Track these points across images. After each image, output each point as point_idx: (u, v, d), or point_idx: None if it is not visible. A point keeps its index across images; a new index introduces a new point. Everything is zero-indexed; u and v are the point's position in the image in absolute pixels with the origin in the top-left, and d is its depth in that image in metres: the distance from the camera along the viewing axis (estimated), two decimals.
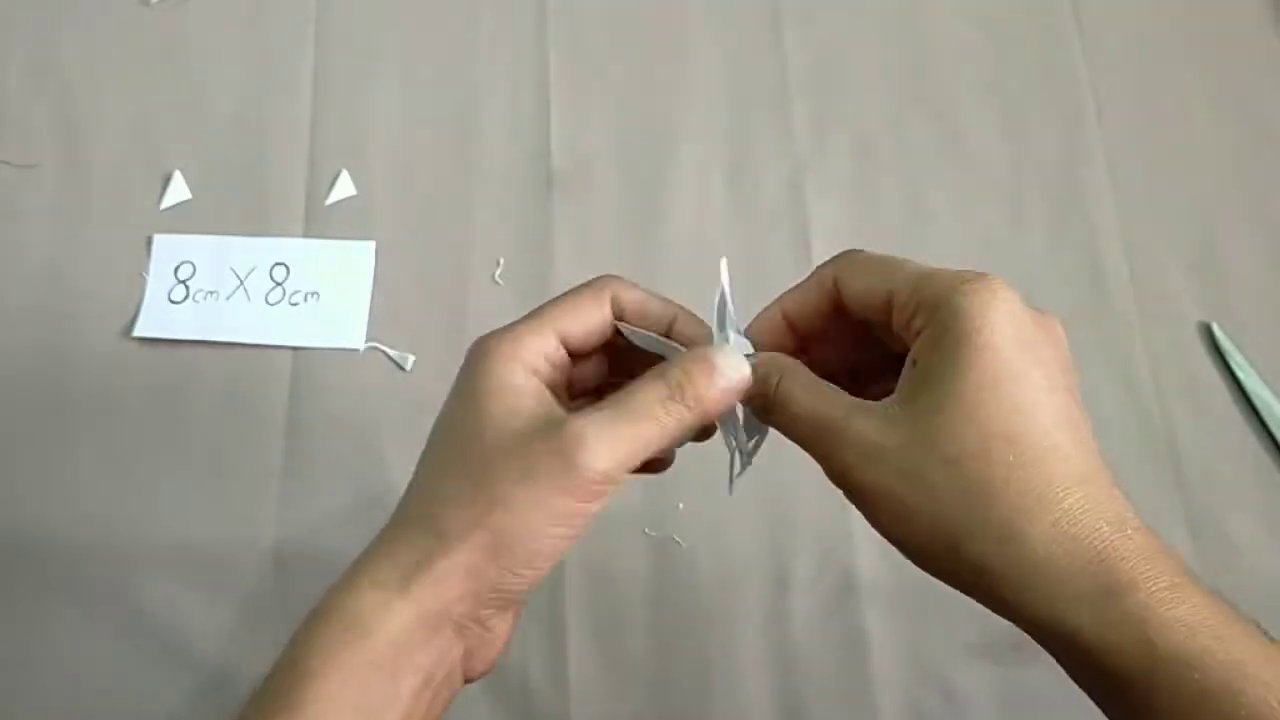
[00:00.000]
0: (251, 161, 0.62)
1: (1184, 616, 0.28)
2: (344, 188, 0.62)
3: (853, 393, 0.32)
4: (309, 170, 0.62)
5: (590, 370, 0.37)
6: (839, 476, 0.31)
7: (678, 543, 0.54)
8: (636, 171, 0.63)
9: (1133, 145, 0.63)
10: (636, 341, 0.35)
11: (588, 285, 0.35)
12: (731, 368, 0.33)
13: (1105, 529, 0.29)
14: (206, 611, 0.53)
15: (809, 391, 0.32)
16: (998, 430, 0.29)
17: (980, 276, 0.31)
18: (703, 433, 0.35)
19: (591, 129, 0.63)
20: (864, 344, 0.35)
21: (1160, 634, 0.27)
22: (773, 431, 0.36)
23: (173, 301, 0.59)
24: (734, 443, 0.36)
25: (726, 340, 0.35)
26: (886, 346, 0.34)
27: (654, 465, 0.35)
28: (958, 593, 0.53)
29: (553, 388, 0.34)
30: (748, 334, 0.36)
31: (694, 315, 0.36)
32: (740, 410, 0.35)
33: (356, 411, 0.57)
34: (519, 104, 0.64)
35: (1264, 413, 0.56)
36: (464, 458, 0.32)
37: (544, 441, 0.31)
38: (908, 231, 0.61)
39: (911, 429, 0.30)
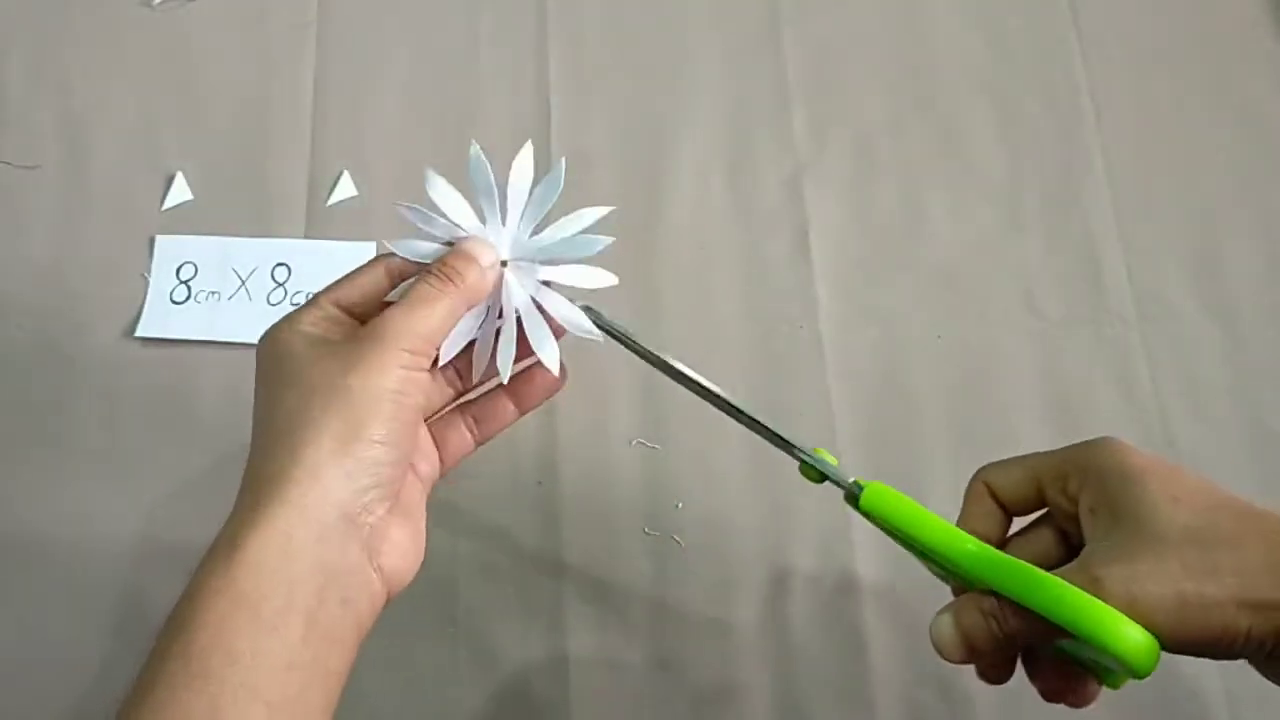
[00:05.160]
0: (253, 162, 0.62)
1: None
2: (345, 188, 0.62)
3: None
4: (310, 171, 0.62)
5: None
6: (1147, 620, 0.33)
7: (677, 543, 0.55)
8: (636, 171, 0.63)
9: (1131, 145, 0.63)
10: (407, 254, 0.40)
11: (364, 264, 0.41)
12: (483, 254, 0.39)
13: None
14: None
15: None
16: (1204, 504, 0.35)
17: (1102, 438, 0.38)
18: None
19: (591, 128, 0.64)
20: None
21: None
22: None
23: (175, 302, 0.59)
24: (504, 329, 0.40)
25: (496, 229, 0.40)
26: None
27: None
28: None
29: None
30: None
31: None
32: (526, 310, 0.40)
33: None
34: (519, 104, 0.64)
35: None
36: (293, 387, 0.36)
37: (353, 341, 0.37)
38: (907, 231, 0.61)
39: (1145, 546, 0.34)
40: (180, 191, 0.62)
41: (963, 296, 0.60)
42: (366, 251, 0.60)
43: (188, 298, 0.59)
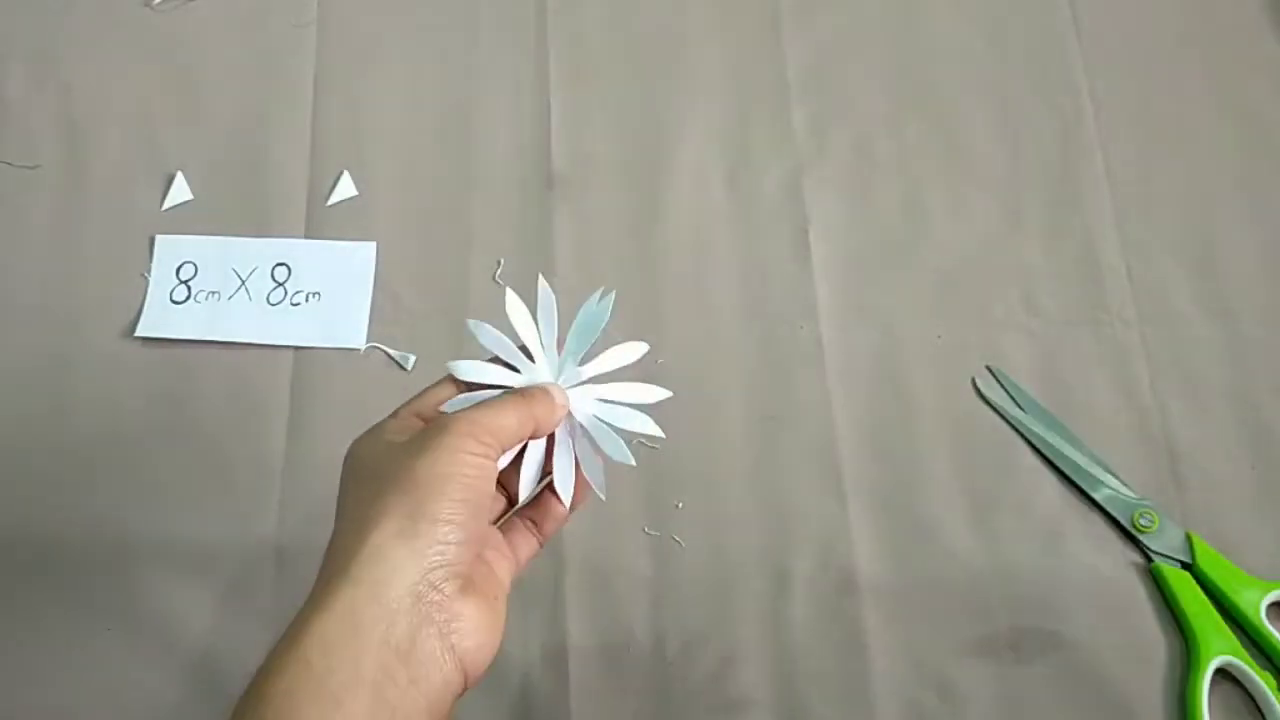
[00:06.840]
0: (253, 162, 0.63)
1: None
2: (345, 188, 0.62)
3: None
4: (310, 171, 0.62)
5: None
6: None
7: (678, 542, 0.55)
8: (636, 172, 0.63)
9: (1131, 145, 0.63)
10: (474, 378, 0.41)
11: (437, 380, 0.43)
12: (556, 393, 0.41)
13: None
14: (208, 610, 0.53)
15: None
16: None
17: None
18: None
19: (591, 129, 0.64)
20: None
21: None
22: None
23: (175, 302, 0.59)
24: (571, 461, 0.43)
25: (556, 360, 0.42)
26: None
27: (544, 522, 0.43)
28: (957, 593, 0.54)
29: None
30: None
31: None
32: (578, 434, 0.42)
33: (357, 411, 0.56)
34: (519, 104, 0.64)
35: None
36: (366, 482, 0.37)
37: (424, 435, 0.38)
38: (907, 231, 0.61)
39: None
40: (180, 191, 0.62)
41: (963, 296, 0.60)
42: (367, 251, 0.60)
43: (188, 298, 0.59)
